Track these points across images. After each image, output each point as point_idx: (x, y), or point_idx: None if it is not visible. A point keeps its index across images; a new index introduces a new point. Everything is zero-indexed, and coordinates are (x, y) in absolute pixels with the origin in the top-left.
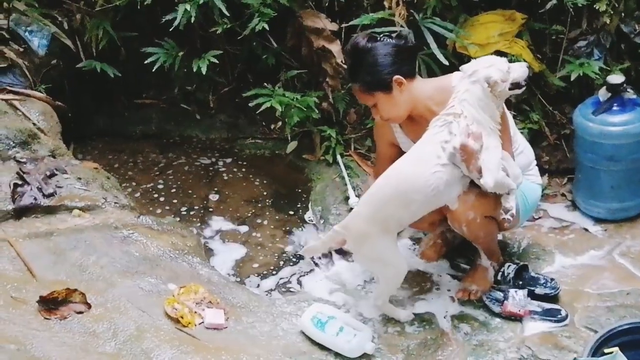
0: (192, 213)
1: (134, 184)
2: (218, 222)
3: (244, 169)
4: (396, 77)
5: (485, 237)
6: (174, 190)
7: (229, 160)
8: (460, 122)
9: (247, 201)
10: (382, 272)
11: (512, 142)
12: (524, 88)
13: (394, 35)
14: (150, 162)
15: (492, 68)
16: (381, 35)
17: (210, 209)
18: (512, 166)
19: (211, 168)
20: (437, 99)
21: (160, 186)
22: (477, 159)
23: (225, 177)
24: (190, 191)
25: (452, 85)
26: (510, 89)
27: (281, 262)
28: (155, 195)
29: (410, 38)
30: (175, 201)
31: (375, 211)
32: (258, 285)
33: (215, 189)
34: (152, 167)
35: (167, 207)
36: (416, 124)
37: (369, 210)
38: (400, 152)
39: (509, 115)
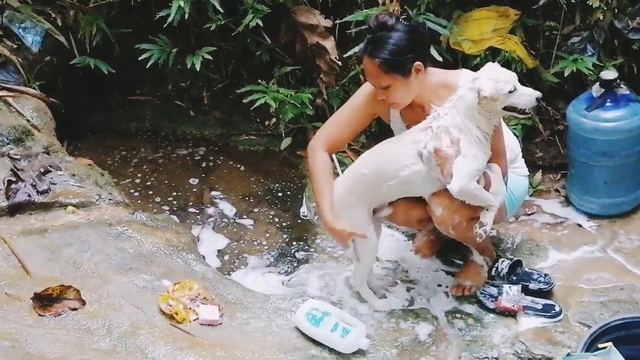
0: (186, 209)
1: (128, 180)
2: (212, 218)
3: (238, 165)
4: (417, 63)
5: (474, 236)
6: (168, 186)
7: (223, 156)
8: (438, 126)
9: (241, 197)
10: (357, 245)
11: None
12: (526, 115)
13: (411, 21)
14: (144, 158)
15: (490, 82)
16: (401, 19)
17: (204, 205)
18: (497, 182)
19: (205, 164)
20: (441, 94)
21: (154, 182)
22: (451, 164)
23: (219, 174)
24: (184, 187)
25: (459, 85)
26: (505, 109)
27: (275, 257)
28: (149, 192)
29: (425, 27)
30: (169, 197)
31: (352, 183)
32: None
33: (210, 185)
34: (146, 164)
35: (161, 204)
36: (413, 111)
37: (348, 182)
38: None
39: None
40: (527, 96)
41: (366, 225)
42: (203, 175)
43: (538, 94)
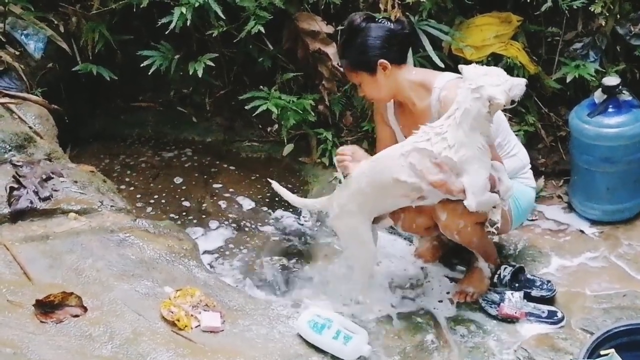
0: (188, 216)
1: (130, 187)
2: (214, 225)
3: (240, 172)
4: (381, 60)
5: (479, 241)
6: (170, 193)
7: (225, 162)
8: (426, 152)
9: (243, 203)
10: (354, 250)
11: (505, 144)
12: (514, 104)
13: (394, 19)
14: (146, 165)
15: (499, 89)
16: (380, 18)
17: (207, 212)
18: (505, 179)
19: (207, 170)
20: (418, 93)
21: (157, 189)
22: (452, 183)
23: (221, 180)
24: (186, 194)
25: (434, 86)
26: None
27: (277, 266)
28: (152, 198)
29: (407, 25)
30: (171, 204)
31: (355, 191)
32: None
33: (211, 191)
34: (148, 170)
35: (164, 210)
36: (402, 108)
37: (351, 190)
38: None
39: (504, 119)
40: (519, 86)
41: (365, 234)
42: (205, 181)
43: (524, 80)
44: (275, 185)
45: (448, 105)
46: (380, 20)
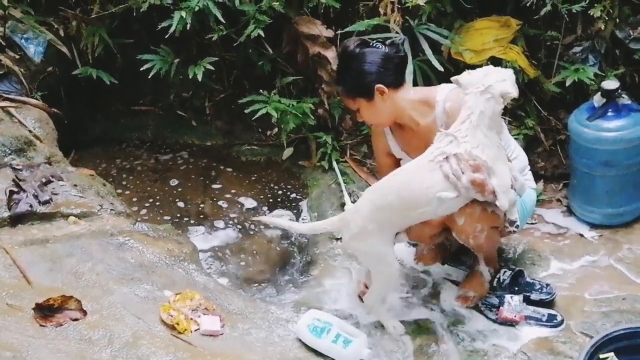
0: (187, 219)
1: (129, 190)
2: (214, 229)
3: (240, 176)
4: (378, 85)
5: (488, 246)
6: (169, 196)
7: (225, 166)
8: (460, 155)
9: (243, 206)
10: (376, 269)
11: (506, 148)
12: None
13: (387, 42)
14: (146, 168)
15: (507, 83)
16: (374, 42)
17: (206, 216)
18: (518, 177)
19: (207, 174)
20: (420, 111)
21: (156, 193)
22: (488, 184)
23: (221, 184)
24: (186, 198)
25: (437, 100)
26: None
27: (277, 269)
28: (151, 202)
29: (402, 47)
30: (171, 208)
31: (375, 211)
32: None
33: (211, 194)
34: (148, 174)
35: (163, 214)
36: (404, 131)
37: (370, 209)
38: (398, 162)
39: (503, 124)
40: (513, 76)
41: (389, 253)
42: (204, 185)
43: (511, 70)
44: (276, 220)
45: (456, 115)
46: (374, 45)
